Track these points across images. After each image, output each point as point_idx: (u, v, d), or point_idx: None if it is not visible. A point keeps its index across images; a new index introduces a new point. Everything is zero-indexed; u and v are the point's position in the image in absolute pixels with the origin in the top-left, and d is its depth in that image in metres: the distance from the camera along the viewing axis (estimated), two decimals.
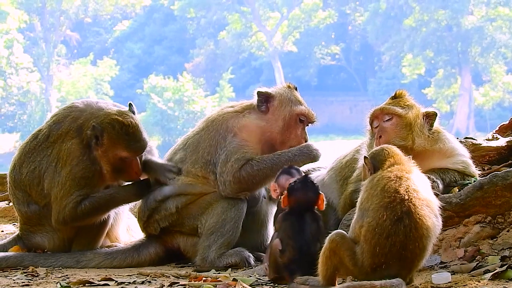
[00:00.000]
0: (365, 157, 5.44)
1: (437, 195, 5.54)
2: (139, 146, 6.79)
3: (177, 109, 59.49)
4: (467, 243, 5.92)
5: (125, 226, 7.44)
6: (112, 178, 6.92)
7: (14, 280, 6.21)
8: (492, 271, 5.44)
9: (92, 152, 6.77)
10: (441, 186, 6.15)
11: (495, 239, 5.89)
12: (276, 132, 6.89)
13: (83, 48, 67.14)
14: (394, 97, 6.43)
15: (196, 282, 5.82)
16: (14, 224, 8.59)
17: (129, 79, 65.84)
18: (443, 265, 5.84)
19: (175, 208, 6.85)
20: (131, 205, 7.35)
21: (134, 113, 6.88)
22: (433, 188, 5.53)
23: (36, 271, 6.53)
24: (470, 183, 6.12)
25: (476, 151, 7.13)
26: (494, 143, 7.33)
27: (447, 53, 62.18)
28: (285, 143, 6.89)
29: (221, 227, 6.75)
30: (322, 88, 64.32)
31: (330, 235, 5.19)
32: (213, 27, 66.33)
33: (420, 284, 5.33)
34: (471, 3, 61.58)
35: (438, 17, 61.73)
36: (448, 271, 5.60)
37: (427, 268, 5.79)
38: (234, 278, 5.82)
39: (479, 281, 5.34)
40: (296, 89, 7.09)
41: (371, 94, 61.64)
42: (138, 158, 6.84)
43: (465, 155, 6.41)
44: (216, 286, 5.60)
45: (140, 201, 7.04)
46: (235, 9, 66.13)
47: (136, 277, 6.26)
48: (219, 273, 6.25)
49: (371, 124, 6.41)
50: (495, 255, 5.72)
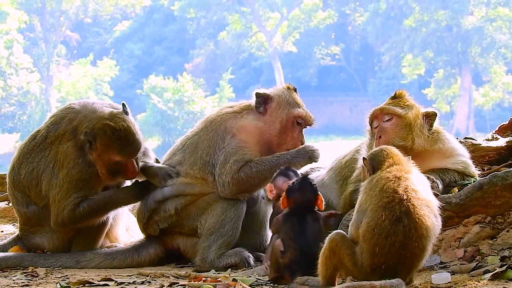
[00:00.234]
0: (364, 158, 5.44)
1: (437, 195, 5.54)
2: (132, 150, 6.76)
3: (177, 110, 59.48)
4: (467, 243, 5.92)
5: (125, 226, 7.44)
6: (109, 180, 6.92)
7: (14, 280, 6.21)
8: (492, 271, 5.44)
9: (87, 156, 6.77)
10: (441, 186, 6.15)
11: (495, 239, 5.89)
12: (274, 134, 6.88)
13: (83, 49, 67.12)
14: (394, 97, 6.43)
15: (196, 283, 5.82)
16: (14, 225, 8.58)
17: (129, 80, 65.83)
18: (443, 265, 5.84)
19: (174, 210, 6.85)
20: (130, 206, 7.35)
21: (128, 114, 6.85)
22: (433, 188, 5.53)
23: (36, 272, 6.53)
24: (470, 183, 6.12)
25: (476, 151, 7.13)
26: (494, 144, 7.33)
27: (447, 54, 62.17)
28: (282, 145, 6.88)
29: (221, 228, 6.74)
30: (322, 89, 64.30)
31: (330, 235, 5.19)
32: (213, 28, 66.32)
33: (420, 284, 5.33)
34: (471, 4, 61.58)
35: (438, 18, 61.72)
36: (448, 271, 5.60)
37: (427, 268, 5.79)
38: (234, 278, 5.82)
39: (479, 281, 5.33)
40: (296, 90, 7.07)
41: (371, 95, 61.62)
42: (134, 159, 6.84)
43: (465, 155, 6.41)
44: (216, 286, 5.59)
45: (139, 203, 7.04)
46: (235, 10, 66.12)
47: (136, 277, 6.26)
48: (219, 273, 6.24)
49: (371, 124, 6.41)
50: (495, 255, 5.72)
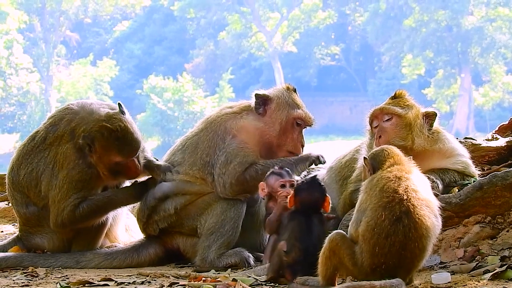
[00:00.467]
0: (365, 158, 5.44)
1: (437, 195, 5.54)
2: (131, 149, 6.76)
3: (177, 110, 59.48)
4: (467, 243, 5.92)
5: (124, 226, 7.43)
6: (112, 180, 6.92)
7: (14, 281, 6.21)
8: (492, 271, 5.44)
9: (87, 158, 6.77)
10: (441, 186, 6.14)
11: (495, 239, 5.89)
12: (273, 135, 6.87)
13: (83, 49, 67.12)
14: (394, 97, 6.43)
15: (196, 282, 5.82)
16: (14, 225, 8.58)
17: (129, 80, 65.82)
18: (443, 265, 5.83)
19: (174, 209, 6.85)
20: (130, 206, 7.34)
21: (124, 113, 6.83)
22: (433, 188, 5.53)
23: (36, 272, 6.52)
24: (470, 183, 6.12)
25: (476, 151, 7.13)
26: (494, 144, 7.33)
27: (447, 54, 62.17)
28: (282, 147, 6.88)
29: (221, 227, 6.74)
30: (322, 89, 64.30)
31: (330, 235, 5.19)
32: (213, 28, 66.31)
33: (420, 284, 5.33)
34: (471, 4, 61.59)
35: (438, 18, 61.72)
36: (448, 271, 5.60)
37: (427, 268, 5.79)
38: (234, 278, 5.82)
39: (479, 281, 5.33)
40: (295, 91, 7.06)
41: (371, 95, 61.62)
42: (135, 158, 6.84)
43: (465, 155, 6.41)
44: (216, 286, 5.59)
45: (139, 202, 7.04)
46: (235, 10, 66.12)
47: (136, 277, 6.26)
48: (219, 273, 6.24)
49: (371, 124, 6.41)
50: (495, 255, 5.72)
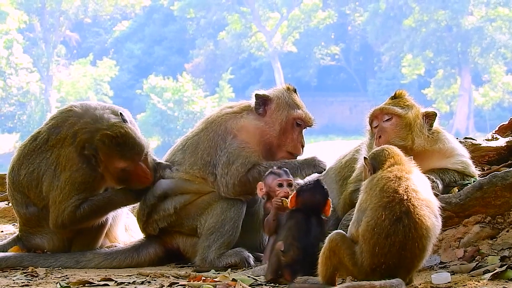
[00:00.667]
0: (365, 158, 5.44)
1: (437, 195, 5.54)
2: (134, 153, 6.75)
3: (177, 110, 59.47)
4: (467, 243, 5.92)
5: (124, 226, 7.43)
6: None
7: (14, 280, 6.21)
8: (492, 271, 5.44)
9: (95, 167, 6.75)
10: (441, 186, 6.15)
11: (495, 239, 5.89)
12: (274, 136, 6.88)
13: (83, 49, 67.11)
14: (394, 97, 6.43)
15: (196, 282, 5.82)
16: (14, 225, 8.58)
17: (129, 80, 65.80)
18: (443, 265, 5.84)
19: (173, 209, 6.85)
20: (130, 207, 7.34)
21: (126, 121, 6.82)
22: (433, 188, 5.52)
23: (36, 272, 6.52)
24: (470, 183, 6.12)
25: (476, 151, 7.13)
26: (494, 143, 7.34)
27: (447, 54, 62.17)
28: (282, 147, 6.88)
29: (221, 227, 6.74)
30: (322, 89, 64.29)
31: (330, 235, 5.19)
32: (213, 28, 66.30)
33: (420, 284, 5.33)
34: (471, 4, 61.58)
35: (438, 18, 61.71)
36: (448, 271, 5.60)
37: (427, 268, 5.79)
38: (234, 278, 5.82)
39: (479, 281, 5.33)
40: (295, 91, 7.07)
41: (371, 95, 61.61)
42: (143, 162, 6.83)
43: (465, 155, 6.41)
44: (216, 286, 5.59)
45: (139, 202, 7.04)
46: (235, 10, 66.11)
47: (136, 277, 6.26)
48: (219, 273, 6.24)
49: (371, 124, 6.41)
50: (495, 255, 5.72)
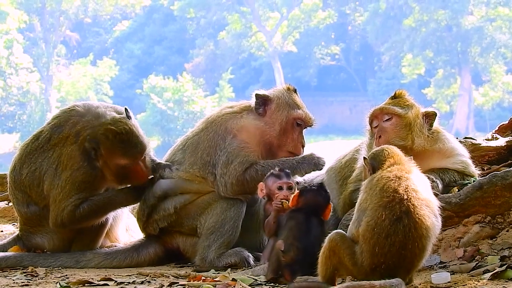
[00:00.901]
0: (365, 158, 5.44)
1: (437, 195, 5.54)
2: (137, 151, 6.77)
3: (177, 109, 59.46)
4: (467, 243, 5.92)
5: (125, 226, 7.43)
6: (120, 186, 6.92)
7: (14, 280, 6.21)
8: (492, 271, 5.44)
9: (93, 162, 6.77)
10: (441, 186, 6.15)
11: (495, 239, 5.89)
12: (274, 136, 6.88)
13: (83, 49, 67.10)
14: (394, 97, 6.43)
15: (196, 282, 5.82)
16: (14, 224, 8.58)
17: (129, 80, 65.79)
18: (443, 265, 5.84)
19: (174, 209, 6.85)
20: (130, 207, 7.34)
21: (130, 118, 6.84)
22: (433, 188, 5.53)
23: (36, 271, 6.53)
24: (470, 183, 6.12)
25: (476, 151, 7.13)
26: (494, 143, 7.33)
27: (447, 53, 62.15)
28: (282, 147, 6.88)
29: (221, 227, 6.74)
30: (322, 89, 64.28)
31: (330, 235, 5.19)
32: (213, 27, 66.29)
33: (420, 284, 5.33)
34: (471, 3, 61.57)
35: (438, 17, 61.71)
36: (448, 271, 5.60)
37: (427, 268, 5.79)
38: (234, 278, 5.82)
39: (479, 281, 5.33)
40: (296, 91, 7.07)
41: (371, 94, 61.60)
42: (141, 161, 6.84)
43: (465, 155, 6.41)
44: (216, 286, 5.60)
45: (139, 202, 7.04)
46: (235, 9, 66.10)
47: (136, 277, 6.26)
48: (219, 273, 6.24)
49: (371, 124, 6.41)
50: (495, 255, 5.72)
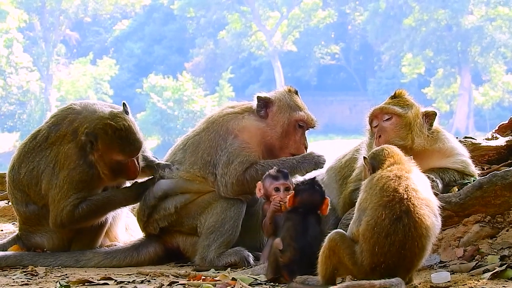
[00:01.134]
0: (365, 157, 5.44)
1: (437, 195, 5.54)
2: (133, 148, 6.77)
3: (177, 109, 59.46)
4: (467, 243, 5.92)
5: (124, 226, 7.43)
6: (111, 180, 6.93)
7: (14, 279, 6.21)
8: (492, 271, 5.44)
9: (89, 157, 6.78)
10: (441, 186, 6.15)
11: (495, 239, 5.89)
12: (276, 138, 6.88)
13: (83, 48, 67.10)
14: (394, 97, 6.43)
15: (195, 282, 5.82)
16: (14, 223, 8.58)
17: (129, 79, 65.80)
18: (443, 265, 5.84)
19: (174, 208, 6.85)
20: (130, 206, 7.34)
21: (128, 113, 6.85)
22: (433, 188, 5.52)
23: (36, 271, 6.53)
24: (470, 183, 6.12)
25: (476, 151, 7.13)
26: (494, 143, 7.34)
27: (447, 53, 62.16)
28: (285, 149, 6.88)
29: (221, 227, 6.75)
30: (322, 88, 64.28)
31: (330, 234, 5.19)
32: (213, 27, 66.30)
33: (420, 284, 5.33)
34: (471, 3, 61.57)
35: (438, 17, 61.71)
36: (448, 271, 5.60)
37: (427, 268, 5.79)
38: (234, 278, 5.82)
39: (479, 281, 5.33)
40: (297, 93, 7.07)
41: (371, 94, 61.60)
42: (135, 159, 6.84)
43: (465, 155, 6.41)
44: (216, 286, 5.59)
45: (140, 202, 7.04)
46: (235, 9, 66.10)
47: (136, 276, 6.26)
48: (218, 272, 6.24)
49: (371, 124, 6.41)
50: (495, 255, 5.72)
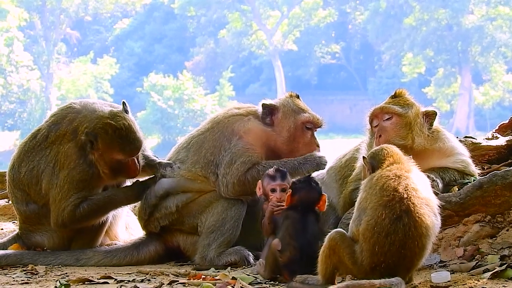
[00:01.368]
0: (364, 157, 5.44)
1: (437, 194, 5.54)
2: (134, 148, 6.78)
3: (177, 108, 59.43)
4: (467, 242, 5.92)
5: (124, 225, 7.43)
6: (112, 179, 6.93)
7: (14, 278, 6.22)
8: (492, 270, 5.44)
9: (88, 156, 6.78)
10: (441, 185, 6.15)
11: (495, 238, 5.89)
12: (282, 143, 6.89)
13: (83, 46, 67.08)
14: (394, 96, 6.43)
15: (195, 281, 5.82)
16: (14, 222, 8.57)
17: (129, 78, 65.78)
18: (443, 264, 5.84)
19: (175, 207, 6.86)
20: (131, 206, 7.34)
21: (128, 112, 6.86)
22: (433, 187, 5.53)
23: (36, 269, 6.53)
24: (470, 182, 6.12)
25: (476, 150, 7.13)
26: (494, 142, 7.34)
27: (447, 52, 62.13)
28: (295, 153, 6.88)
29: (221, 226, 6.75)
30: (322, 87, 64.26)
31: (330, 234, 5.20)
32: (213, 26, 66.28)
33: (420, 283, 5.33)
34: (471, 2, 61.54)
35: (438, 16, 61.68)
36: (448, 270, 5.60)
37: (427, 267, 5.79)
38: (233, 277, 5.83)
39: (479, 280, 5.34)
40: (298, 97, 7.10)
41: (371, 93, 61.58)
42: (135, 158, 6.84)
43: (465, 154, 6.41)
44: (216, 285, 5.60)
45: (141, 201, 7.04)
46: (235, 8, 66.08)
47: (136, 275, 6.27)
48: (219, 272, 6.25)
49: (371, 123, 6.41)
50: (495, 254, 5.72)
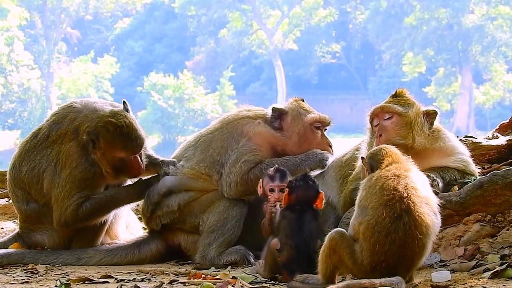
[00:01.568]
0: (362, 158, 5.44)
1: (437, 194, 5.54)
2: (136, 145, 6.79)
3: (178, 107, 59.40)
4: (467, 242, 5.92)
5: (125, 224, 7.43)
6: (114, 178, 6.93)
7: (14, 277, 6.22)
8: (492, 270, 5.44)
9: (90, 155, 6.78)
10: (441, 185, 6.15)
11: (495, 238, 5.89)
12: (293, 146, 6.92)
13: (84, 46, 67.08)
14: (395, 96, 6.43)
15: (196, 280, 5.82)
16: (14, 221, 8.57)
17: (130, 77, 65.77)
18: (443, 264, 5.84)
19: (177, 206, 6.87)
20: (133, 205, 7.34)
21: (128, 111, 6.86)
22: (433, 187, 5.54)
23: (36, 268, 6.54)
24: (470, 182, 6.12)
25: (476, 150, 7.13)
26: (494, 142, 7.34)
27: (448, 52, 62.12)
28: None
29: (223, 226, 6.76)
30: (323, 87, 64.25)
31: (330, 233, 5.20)
32: (214, 25, 66.27)
33: (420, 283, 5.33)
34: (472, 2, 61.53)
35: (439, 16, 61.67)
36: (448, 270, 5.60)
37: (427, 267, 5.79)
38: (234, 276, 5.83)
39: (479, 280, 5.34)
40: (303, 101, 7.17)
41: (372, 93, 61.56)
42: (138, 154, 6.85)
43: (465, 154, 6.41)
44: (216, 284, 5.60)
45: (144, 199, 7.04)
46: (236, 7, 66.06)
47: (136, 275, 6.27)
48: (219, 271, 6.25)
49: (371, 123, 6.41)
50: (495, 254, 5.73)
